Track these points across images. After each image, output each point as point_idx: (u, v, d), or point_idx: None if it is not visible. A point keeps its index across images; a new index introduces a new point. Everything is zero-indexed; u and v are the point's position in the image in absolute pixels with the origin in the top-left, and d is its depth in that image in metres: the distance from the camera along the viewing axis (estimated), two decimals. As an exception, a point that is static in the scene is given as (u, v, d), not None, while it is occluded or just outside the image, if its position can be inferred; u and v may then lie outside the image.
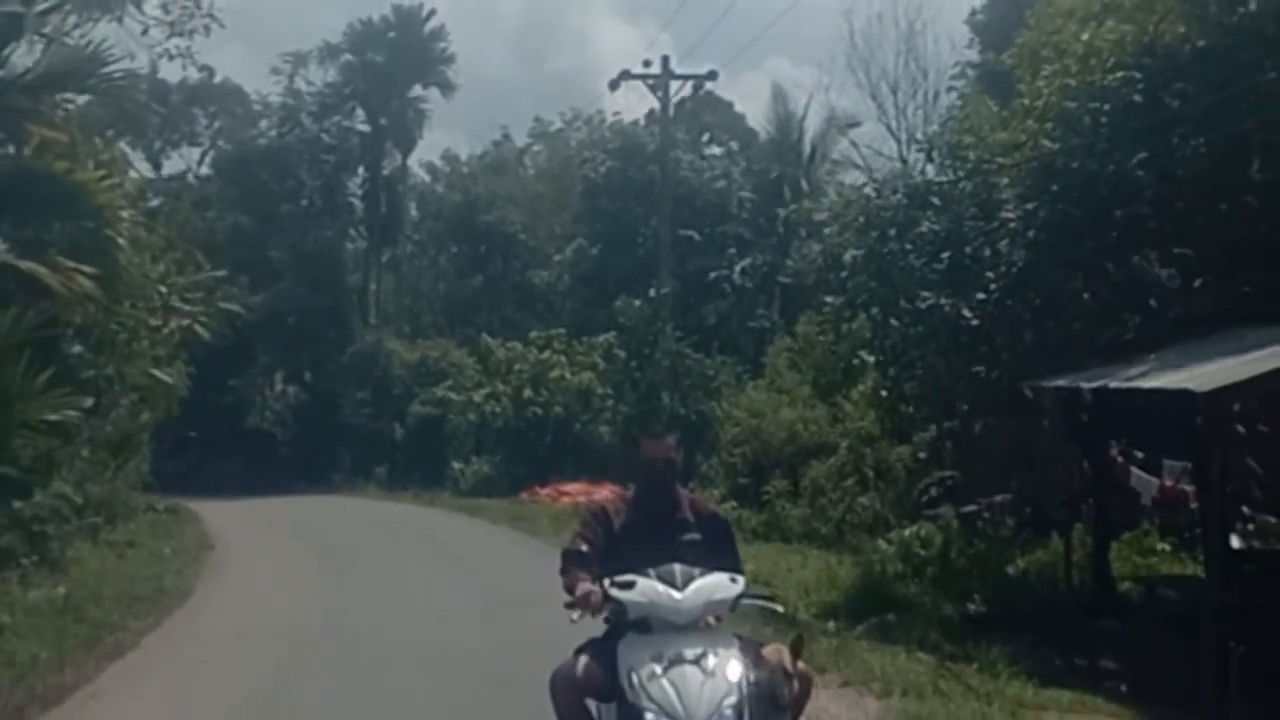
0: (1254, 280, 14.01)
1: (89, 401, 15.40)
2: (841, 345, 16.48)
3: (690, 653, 5.35)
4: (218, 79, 51.48)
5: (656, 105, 37.46)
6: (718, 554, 5.98)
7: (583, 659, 5.76)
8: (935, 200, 14.03)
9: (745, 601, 5.75)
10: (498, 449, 37.88)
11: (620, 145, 45.81)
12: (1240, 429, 15.22)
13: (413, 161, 54.71)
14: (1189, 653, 10.59)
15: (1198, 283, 14.57)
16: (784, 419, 25.04)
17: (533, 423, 36.76)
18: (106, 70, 14.83)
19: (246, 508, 32.03)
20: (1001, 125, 15.29)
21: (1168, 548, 17.14)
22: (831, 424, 23.49)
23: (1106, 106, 13.10)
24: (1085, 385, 12.24)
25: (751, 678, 5.42)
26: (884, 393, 15.97)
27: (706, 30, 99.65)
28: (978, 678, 10.69)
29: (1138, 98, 12.90)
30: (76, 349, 16.23)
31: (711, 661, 5.34)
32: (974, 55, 33.87)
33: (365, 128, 48.65)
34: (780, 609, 6.28)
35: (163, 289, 21.66)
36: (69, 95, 15.24)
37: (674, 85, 37.07)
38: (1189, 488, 16.35)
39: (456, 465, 38.94)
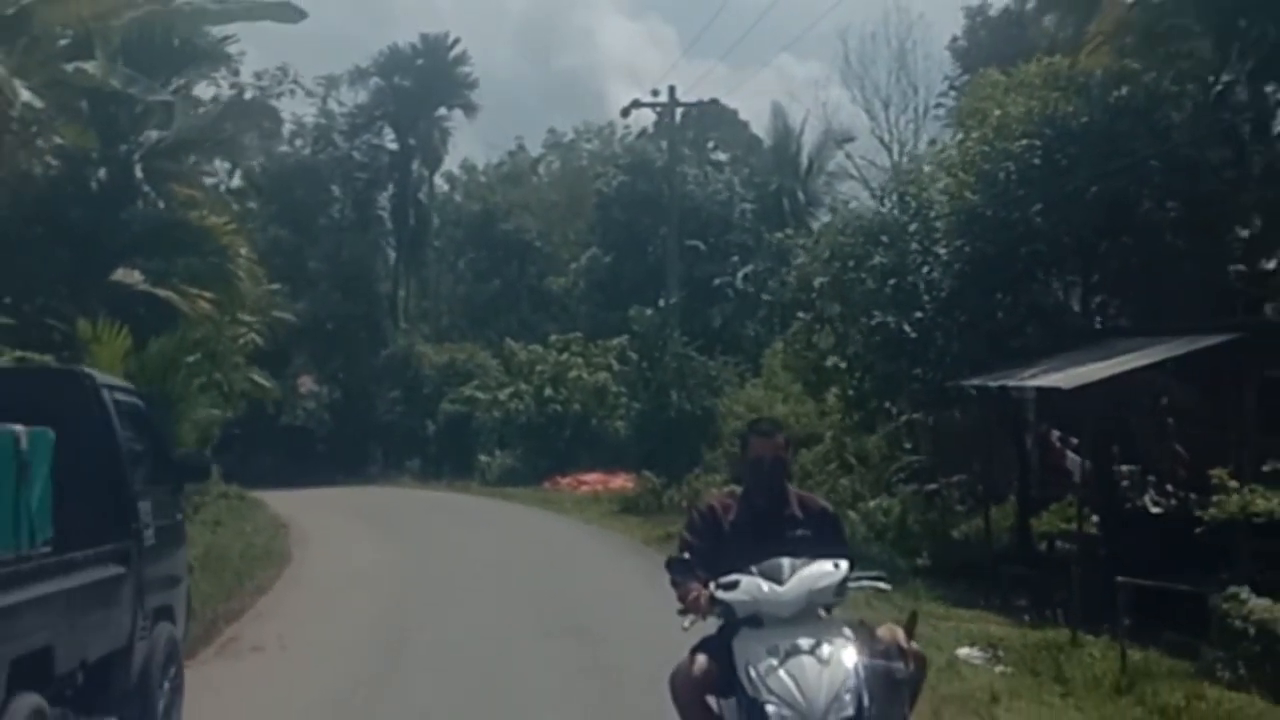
0: (1137, 300, 17.89)
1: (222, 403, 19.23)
2: (812, 353, 20.18)
3: (805, 643, 5.43)
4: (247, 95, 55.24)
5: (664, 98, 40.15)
6: (828, 547, 5.98)
7: (699, 658, 5.87)
8: (884, 239, 17.82)
9: (851, 585, 5.79)
10: (521, 443, 41.36)
11: (631, 161, 49.32)
12: (1170, 420, 19.07)
13: (421, 161, 57.82)
14: (1068, 586, 14.22)
15: (1096, 300, 18.45)
16: (777, 413, 28.68)
17: (553, 419, 40.18)
18: (222, 139, 18.60)
19: (296, 496, 35.41)
20: (943, 172, 19.06)
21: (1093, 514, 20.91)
22: (819, 418, 27.17)
23: (1014, 167, 16.83)
24: (992, 383, 16.06)
25: (866, 662, 5.52)
26: (850, 391, 19.73)
27: (709, 25, 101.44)
28: (904, 601, 14.41)
29: (1037, 160, 16.64)
30: (191, 359, 19.97)
31: (826, 650, 5.42)
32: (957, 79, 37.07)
33: (394, 146, 52.48)
34: (888, 587, 6.26)
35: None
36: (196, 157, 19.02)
37: (681, 94, 40.08)
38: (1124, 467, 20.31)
39: (483, 458, 42.55)
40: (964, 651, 11.67)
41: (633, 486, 31.43)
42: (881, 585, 6.05)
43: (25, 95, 15.97)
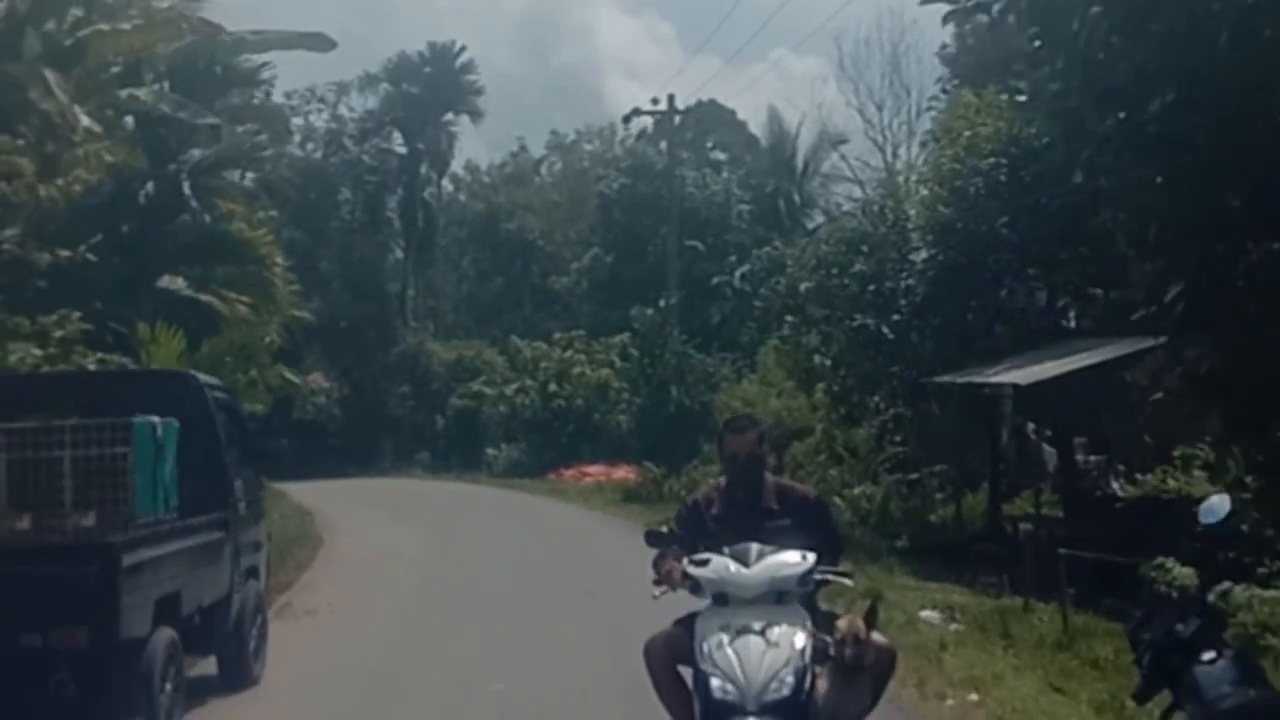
0: (1095, 303, 19.59)
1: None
2: (800, 352, 21.91)
3: (756, 624, 5.68)
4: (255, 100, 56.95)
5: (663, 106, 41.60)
6: (809, 535, 6.17)
7: (674, 628, 6.25)
8: (864, 248, 19.53)
9: (816, 577, 5.95)
10: (526, 436, 42.91)
11: (631, 164, 50.98)
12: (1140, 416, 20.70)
13: (429, 165, 59.38)
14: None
15: (1059, 304, 20.16)
16: (771, 407, 30.23)
17: (557, 413, 41.69)
18: (259, 155, 20.30)
19: (313, 488, 36.77)
20: (921, 185, 20.75)
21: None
22: (811, 412, 28.88)
23: (983, 182, 18.51)
24: (960, 380, 17.77)
25: (823, 649, 5.70)
26: (835, 388, 21.45)
27: (711, 23, 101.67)
28: (878, 575, 16.14)
29: (1003, 177, 18.33)
30: (229, 359, 21.68)
31: (776, 632, 5.65)
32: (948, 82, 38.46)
33: (403, 150, 54.17)
34: (851, 584, 6.42)
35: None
36: (233, 173, 20.73)
37: (680, 94, 41.70)
38: (1093, 457, 22.03)
39: (490, 451, 44.23)
40: (925, 613, 13.37)
41: (634, 477, 33.05)
42: (846, 581, 6.26)
43: (85, 120, 17.71)
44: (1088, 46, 7.35)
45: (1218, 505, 5.81)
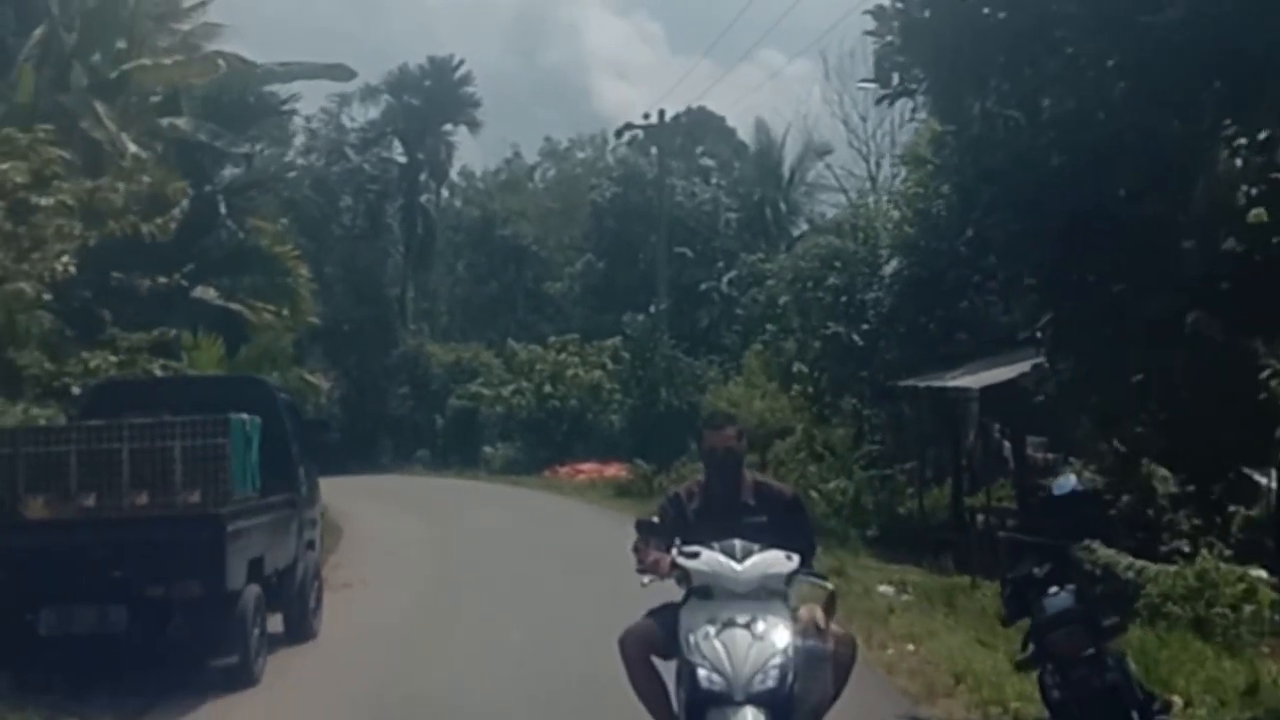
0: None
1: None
2: (779, 358, 23.94)
3: (742, 618, 5.81)
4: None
5: (652, 107, 43.39)
6: (784, 533, 6.32)
7: (648, 621, 6.40)
8: (837, 264, 21.54)
9: (799, 578, 6.15)
10: (522, 435, 44.90)
11: (623, 174, 52.88)
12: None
13: (428, 174, 61.15)
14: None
15: (1016, 315, 22.14)
16: (755, 408, 32.08)
17: (552, 413, 43.58)
18: (284, 176, 22.21)
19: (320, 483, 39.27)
20: (891, 205, 22.75)
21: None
22: (792, 412, 30.85)
23: (943, 205, 20.48)
24: (921, 384, 19.77)
25: (799, 644, 5.88)
26: (810, 390, 23.46)
27: (696, 24, 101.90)
28: (845, 557, 18.10)
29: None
30: (264, 363, 23.57)
31: (761, 627, 5.80)
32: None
33: (403, 159, 56.10)
34: (831, 587, 6.48)
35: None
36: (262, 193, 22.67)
37: (669, 101, 43.53)
38: (1050, 455, 24.04)
39: (488, 449, 46.14)
40: (881, 588, 15.34)
41: (626, 474, 34.91)
42: (827, 585, 6.41)
43: (132, 148, 19.66)
44: (978, 135, 9.28)
45: (1065, 482, 7.88)
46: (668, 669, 6.33)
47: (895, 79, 8.98)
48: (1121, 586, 14.58)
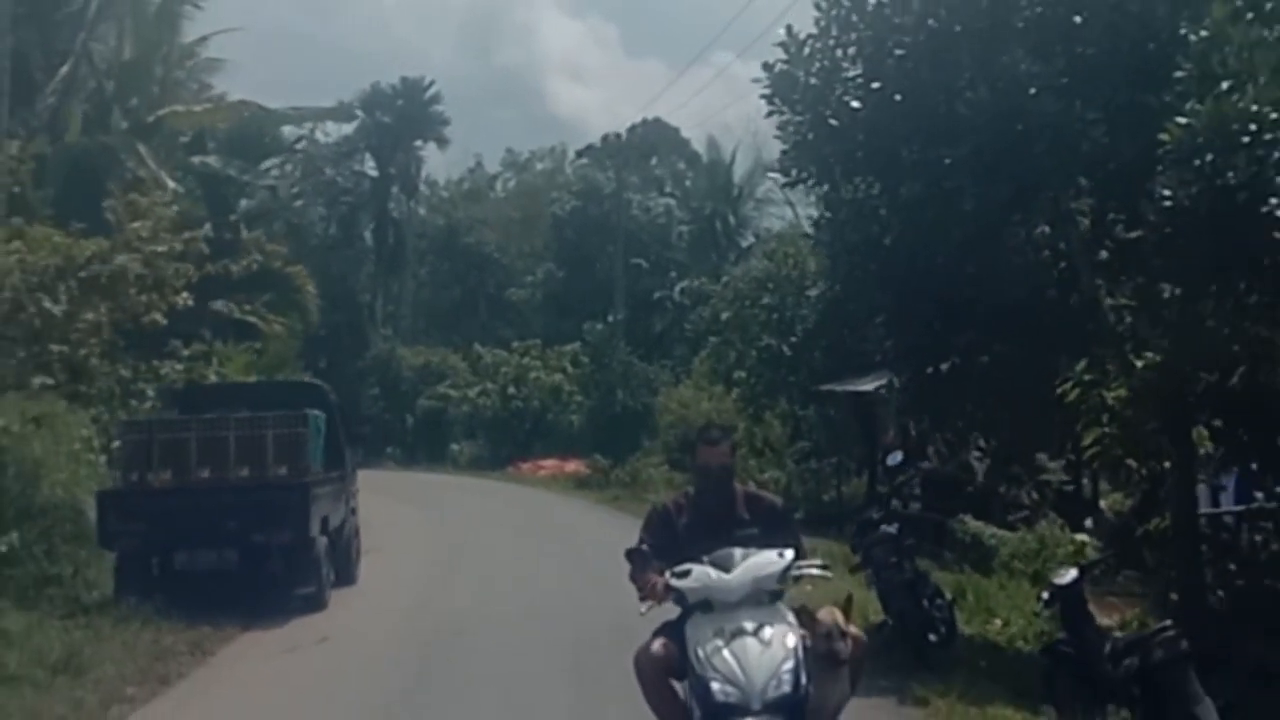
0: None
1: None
2: (721, 365, 27.67)
3: (749, 625, 5.87)
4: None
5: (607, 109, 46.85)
6: (774, 542, 6.31)
7: (659, 640, 6.37)
8: (770, 285, 25.31)
9: (795, 572, 6.21)
10: (487, 434, 48.12)
11: (582, 188, 56.26)
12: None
13: (399, 188, 64.33)
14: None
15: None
16: (703, 408, 35.58)
17: (515, 413, 46.78)
18: (288, 207, 25.71)
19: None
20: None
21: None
22: (735, 413, 34.52)
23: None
24: (837, 388, 23.54)
25: (809, 644, 5.96)
26: (746, 393, 27.23)
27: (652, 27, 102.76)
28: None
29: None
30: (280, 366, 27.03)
31: (768, 632, 5.85)
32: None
33: (374, 173, 59.45)
34: (829, 575, 6.55)
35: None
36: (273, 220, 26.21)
37: (628, 113, 46.92)
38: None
39: (455, 446, 49.30)
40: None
41: (584, 470, 38.15)
42: (826, 574, 6.54)
43: (171, 184, 23.11)
44: (843, 219, 12.97)
45: (895, 456, 11.66)
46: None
47: (793, 173, 12.55)
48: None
